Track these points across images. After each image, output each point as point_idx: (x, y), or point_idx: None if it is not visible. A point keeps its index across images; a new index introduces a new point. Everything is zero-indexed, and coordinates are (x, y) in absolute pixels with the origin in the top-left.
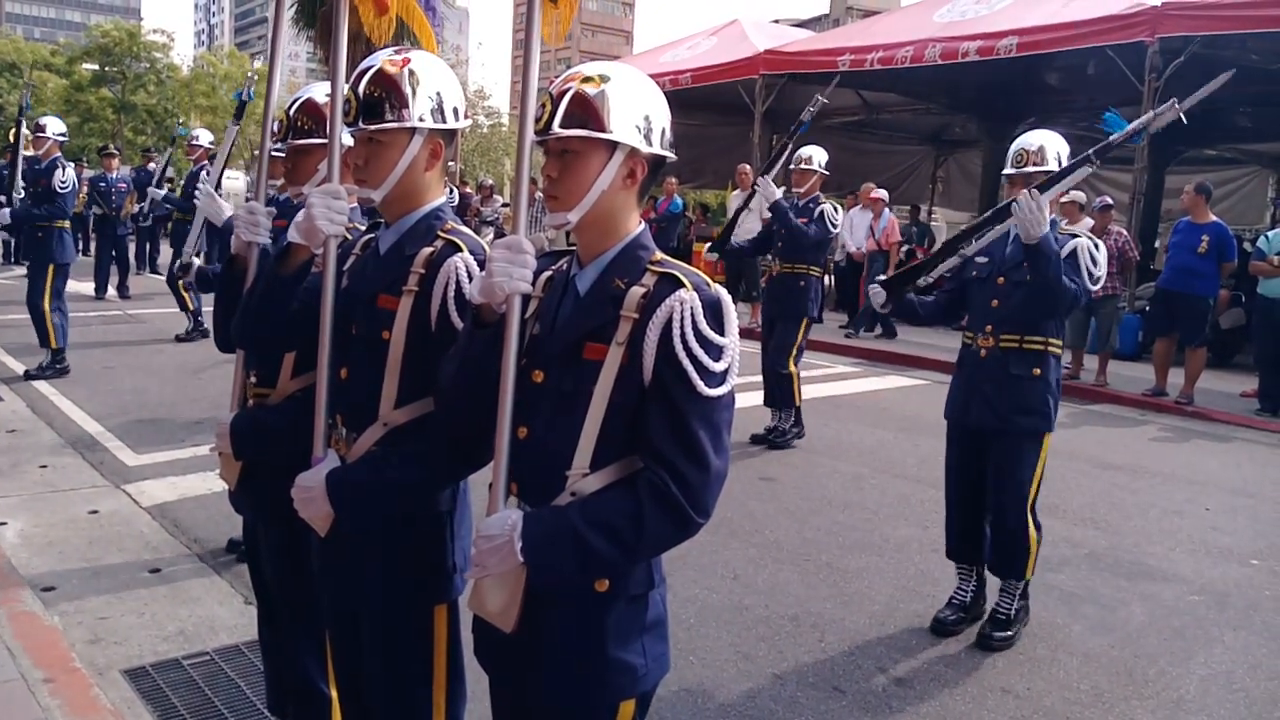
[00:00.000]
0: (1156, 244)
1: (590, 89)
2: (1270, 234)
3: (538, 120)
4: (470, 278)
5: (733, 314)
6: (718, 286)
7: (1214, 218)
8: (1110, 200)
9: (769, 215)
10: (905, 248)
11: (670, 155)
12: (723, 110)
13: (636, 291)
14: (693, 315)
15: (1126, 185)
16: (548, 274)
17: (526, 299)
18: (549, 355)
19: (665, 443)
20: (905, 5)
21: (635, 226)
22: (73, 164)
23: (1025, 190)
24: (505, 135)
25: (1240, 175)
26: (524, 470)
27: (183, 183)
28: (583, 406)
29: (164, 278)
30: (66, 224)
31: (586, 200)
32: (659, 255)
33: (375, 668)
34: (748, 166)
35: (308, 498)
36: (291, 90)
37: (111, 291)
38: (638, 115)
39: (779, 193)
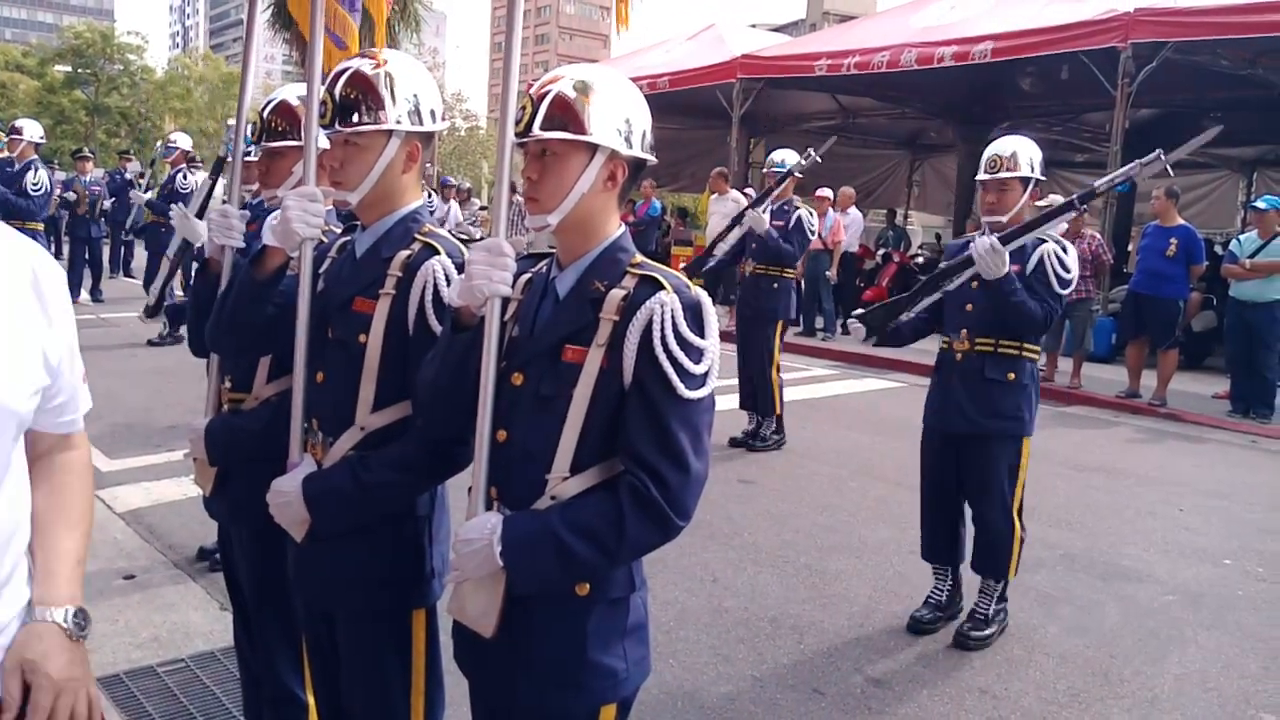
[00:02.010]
0: (1130, 247)
1: (571, 91)
2: (1242, 237)
3: (518, 122)
4: (448, 281)
5: (713, 317)
6: (698, 289)
7: (1182, 221)
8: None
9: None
10: (881, 251)
11: (651, 158)
12: (700, 114)
13: (617, 294)
14: (673, 318)
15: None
16: (527, 276)
17: (506, 301)
18: (528, 358)
19: (645, 445)
20: (882, 10)
21: (615, 229)
22: (45, 166)
23: (987, 238)
24: (482, 138)
25: (1211, 179)
26: (504, 474)
27: (159, 186)
28: (562, 409)
29: (139, 281)
30: (40, 226)
31: (567, 202)
32: (639, 258)
33: (353, 674)
34: (724, 169)
35: (284, 503)
36: (266, 92)
37: (84, 295)
38: (618, 118)
39: (767, 221)
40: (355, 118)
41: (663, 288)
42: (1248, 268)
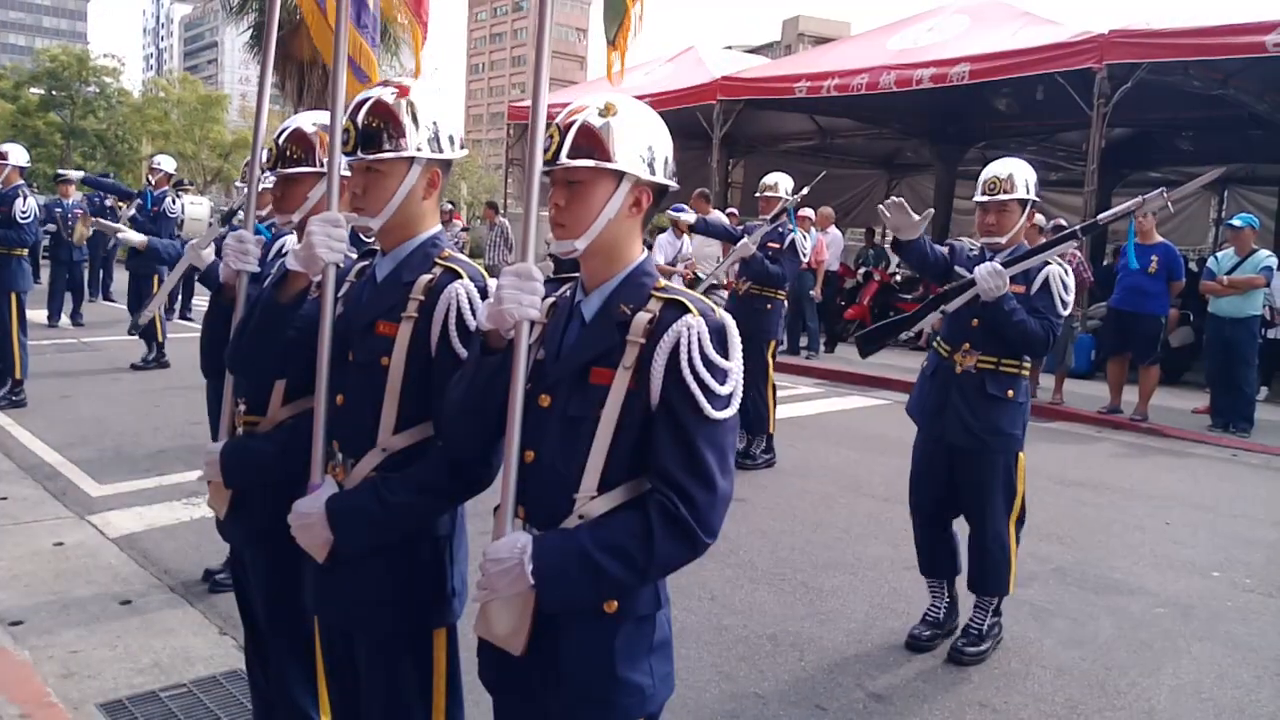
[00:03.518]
0: (1104, 263)
1: (596, 120)
2: (1219, 254)
3: (546, 151)
4: (471, 304)
5: (737, 339)
6: (723, 312)
7: (1160, 238)
8: (1063, 222)
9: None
10: (862, 270)
11: (673, 184)
12: (681, 135)
13: (643, 317)
14: (699, 340)
15: (1076, 208)
16: (551, 300)
17: (532, 324)
18: (555, 380)
19: (673, 465)
20: (857, 33)
21: (639, 254)
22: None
23: (990, 263)
24: (463, 160)
25: (1184, 197)
26: (531, 494)
27: (147, 204)
28: (590, 430)
29: (120, 305)
30: (25, 252)
31: (594, 229)
32: (663, 281)
33: (373, 694)
34: (705, 190)
35: (306, 524)
36: (245, 114)
37: (65, 319)
38: (642, 145)
39: (754, 248)
40: (377, 145)
41: (688, 311)
42: (1225, 284)
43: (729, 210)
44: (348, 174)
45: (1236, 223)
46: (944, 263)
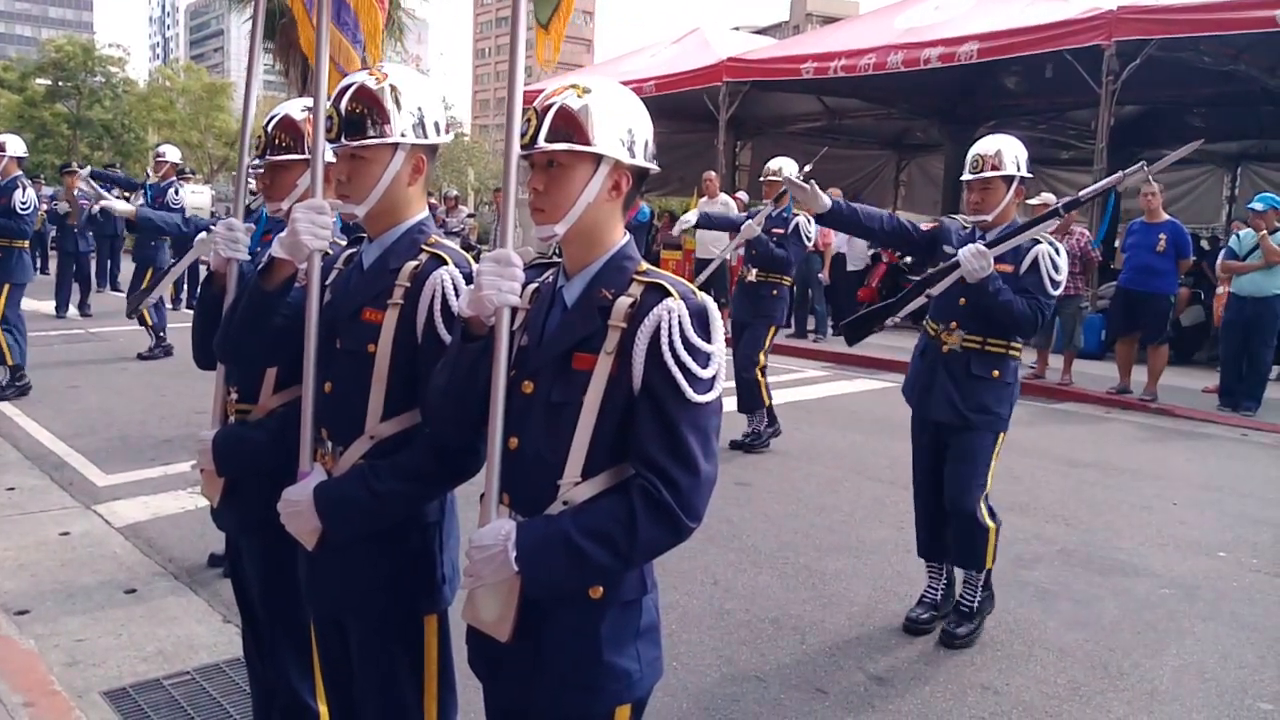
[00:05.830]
0: (1115, 244)
1: (574, 103)
2: (1241, 234)
3: (523, 134)
4: (456, 291)
5: (719, 322)
6: (704, 295)
7: (1168, 216)
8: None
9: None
10: (871, 251)
11: (654, 167)
12: (687, 118)
13: (624, 301)
14: (680, 323)
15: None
16: (534, 286)
17: (514, 310)
18: (538, 366)
19: (655, 449)
20: (865, 12)
21: (620, 238)
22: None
23: (974, 244)
24: (468, 145)
25: (1196, 175)
26: (515, 480)
27: (149, 196)
28: (573, 416)
29: (125, 294)
30: (25, 244)
31: (573, 213)
32: (644, 265)
33: (366, 680)
34: (713, 174)
35: (295, 512)
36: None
37: (72, 310)
38: (621, 128)
39: (759, 230)
40: (361, 132)
41: (670, 294)
42: (1268, 248)
43: (736, 194)
44: (334, 160)
45: (1257, 206)
46: (891, 224)
